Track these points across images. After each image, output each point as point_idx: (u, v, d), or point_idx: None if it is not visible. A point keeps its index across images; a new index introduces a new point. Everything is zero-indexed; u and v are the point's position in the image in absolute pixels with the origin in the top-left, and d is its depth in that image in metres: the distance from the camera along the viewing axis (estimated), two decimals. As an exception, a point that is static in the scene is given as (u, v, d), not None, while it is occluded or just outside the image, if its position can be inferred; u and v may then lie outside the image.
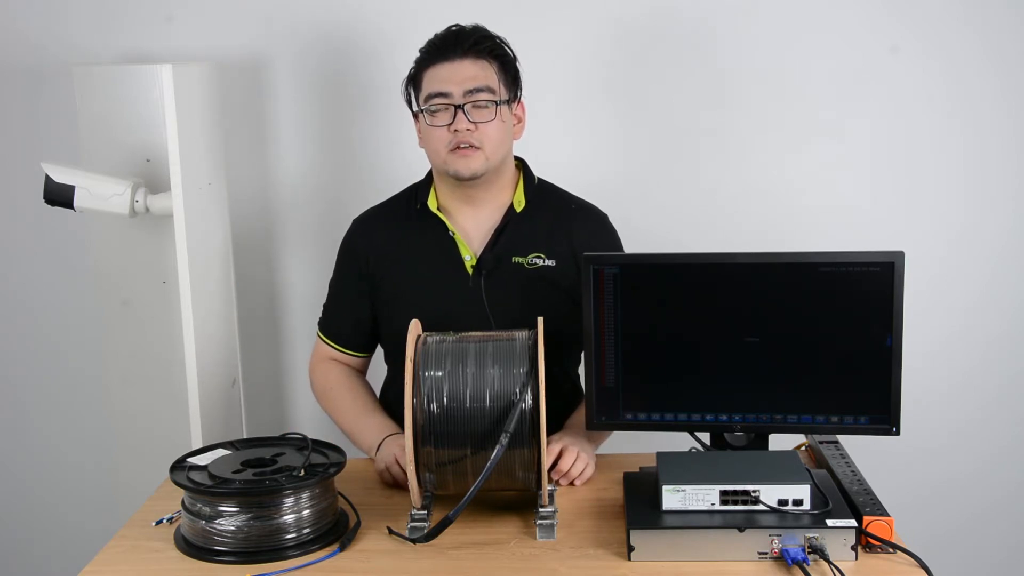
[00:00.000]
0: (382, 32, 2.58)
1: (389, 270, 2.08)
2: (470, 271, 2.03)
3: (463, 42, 1.98)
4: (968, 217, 2.63)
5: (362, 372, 2.19)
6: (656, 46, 2.58)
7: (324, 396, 2.14)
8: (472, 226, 2.06)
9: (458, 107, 1.95)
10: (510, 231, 2.05)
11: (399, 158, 2.58)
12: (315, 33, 2.61)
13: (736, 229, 2.62)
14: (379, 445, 1.95)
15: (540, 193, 2.10)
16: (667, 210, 2.63)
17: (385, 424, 2.02)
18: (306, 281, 2.72)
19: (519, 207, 2.06)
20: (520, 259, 2.04)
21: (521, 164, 2.13)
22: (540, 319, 1.70)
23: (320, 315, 2.19)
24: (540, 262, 2.03)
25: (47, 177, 2.20)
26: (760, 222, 2.62)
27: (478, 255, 2.04)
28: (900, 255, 1.71)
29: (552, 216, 2.08)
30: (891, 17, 2.54)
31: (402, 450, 1.84)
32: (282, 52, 2.62)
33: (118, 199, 2.23)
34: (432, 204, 2.06)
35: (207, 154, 2.34)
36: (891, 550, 1.56)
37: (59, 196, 2.21)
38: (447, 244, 2.04)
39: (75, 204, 2.22)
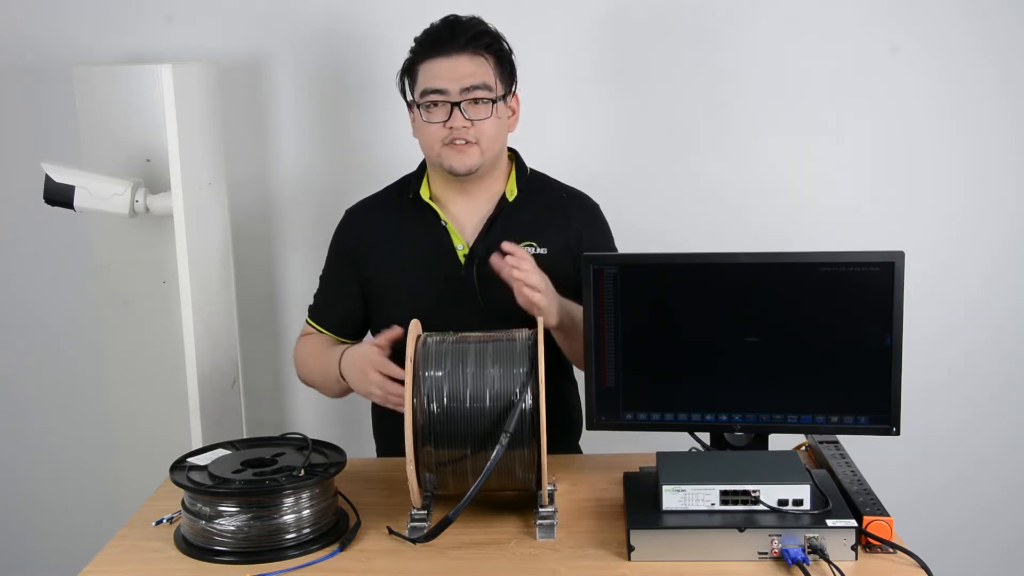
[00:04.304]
0: (381, 32, 2.58)
1: (380, 260, 2.08)
2: (462, 260, 2.03)
3: (459, 36, 1.96)
4: (968, 217, 2.63)
5: None
6: (655, 44, 2.58)
7: (300, 364, 2.13)
8: (465, 215, 2.07)
9: (454, 104, 1.95)
10: (503, 220, 2.04)
11: (399, 158, 2.56)
12: (314, 33, 2.61)
13: (736, 229, 2.62)
14: (340, 361, 1.92)
15: (532, 183, 2.11)
16: (667, 209, 2.63)
17: (343, 347, 1.97)
18: (306, 281, 2.71)
19: (511, 196, 2.06)
20: None
21: (513, 155, 2.13)
22: (540, 319, 1.70)
23: (311, 303, 2.18)
24: (532, 251, 2.02)
25: (47, 177, 2.20)
26: (760, 222, 2.62)
27: (470, 244, 2.04)
28: (900, 255, 1.71)
29: (545, 205, 2.08)
30: (891, 17, 2.54)
31: (369, 357, 1.82)
32: (282, 52, 2.62)
33: (118, 199, 2.23)
34: (424, 193, 2.07)
35: (207, 154, 2.34)
36: (891, 550, 1.56)
37: (59, 196, 2.21)
38: (439, 233, 2.04)
39: (75, 204, 2.22)
